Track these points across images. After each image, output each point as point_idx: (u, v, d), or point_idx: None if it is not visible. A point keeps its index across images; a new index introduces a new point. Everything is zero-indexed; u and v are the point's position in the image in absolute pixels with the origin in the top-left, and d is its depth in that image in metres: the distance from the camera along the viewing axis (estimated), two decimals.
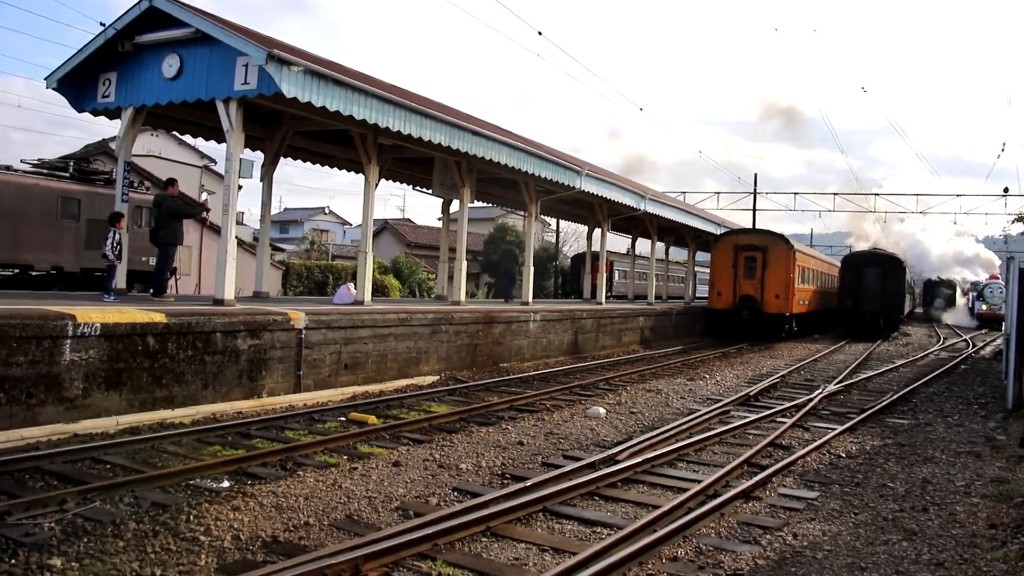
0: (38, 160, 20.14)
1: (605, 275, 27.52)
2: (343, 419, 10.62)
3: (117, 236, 12.77)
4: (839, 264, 38.12)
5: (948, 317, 54.43)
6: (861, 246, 52.39)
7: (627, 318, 24.68)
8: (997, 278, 47.28)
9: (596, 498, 7.45)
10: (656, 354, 22.65)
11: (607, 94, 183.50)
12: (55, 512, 6.08)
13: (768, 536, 6.48)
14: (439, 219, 25.11)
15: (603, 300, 26.59)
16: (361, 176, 16.25)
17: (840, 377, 17.69)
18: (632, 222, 29.72)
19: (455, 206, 20.78)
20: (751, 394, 14.30)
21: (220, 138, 15.56)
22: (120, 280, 13.62)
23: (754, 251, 29.27)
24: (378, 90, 13.70)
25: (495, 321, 17.47)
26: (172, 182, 14.07)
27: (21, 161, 19.96)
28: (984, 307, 48.95)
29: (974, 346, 30.78)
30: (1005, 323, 16.54)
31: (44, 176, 19.29)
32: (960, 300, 57.29)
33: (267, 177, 16.52)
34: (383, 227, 49.61)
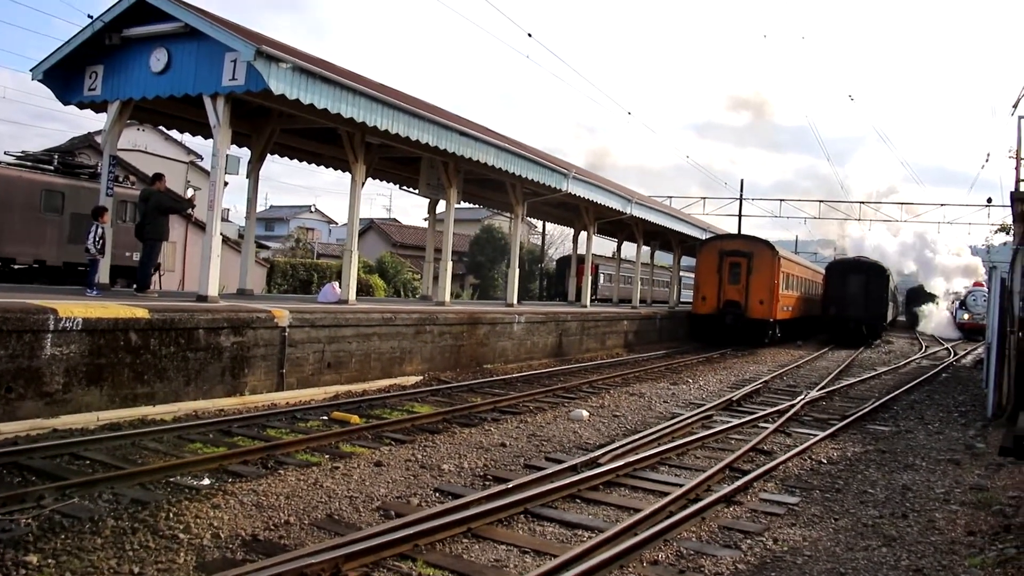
0: (22, 152, 19.96)
1: (590, 278, 27.58)
2: (325, 418, 10.57)
3: (100, 230, 12.66)
4: (823, 271, 38.34)
5: (927, 326, 52.24)
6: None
7: (611, 321, 24.73)
8: (982, 285, 44.79)
9: (578, 501, 7.45)
10: (640, 358, 22.70)
11: (595, 97, 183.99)
12: (32, 508, 6.02)
13: (749, 541, 6.50)
14: (425, 219, 25.07)
15: (588, 303, 26.63)
16: (347, 175, 16.20)
17: (823, 383, 17.80)
18: (618, 226, 29.79)
19: (441, 206, 20.75)
20: (734, 399, 14.35)
21: (207, 134, 15.48)
22: (103, 275, 13.50)
23: (739, 257, 29.41)
24: (366, 88, 13.67)
25: (479, 322, 17.46)
26: (159, 177, 13.95)
27: (4, 153, 19.80)
28: (966, 316, 46.30)
29: (955, 355, 31.03)
30: (986, 332, 16.68)
31: (28, 168, 19.12)
32: (942, 309, 55.71)
33: (253, 174, 16.44)
34: (369, 226, 49.49)
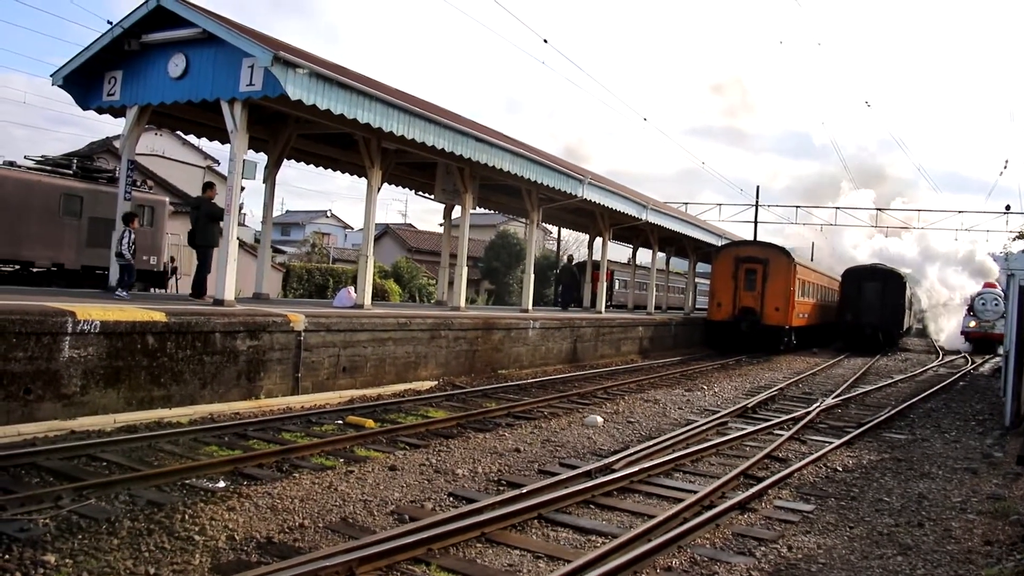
0: (41, 156, 20.16)
1: (605, 284, 27.54)
2: (340, 422, 10.61)
3: (132, 235, 12.89)
4: (839, 278, 38.11)
5: (933, 333, 49.41)
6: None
7: (626, 328, 24.68)
8: (994, 286, 39.73)
9: (592, 506, 7.44)
10: (655, 364, 22.65)
11: (610, 102, 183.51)
12: (50, 508, 6.07)
13: (763, 548, 6.47)
14: (441, 224, 25.14)
15: (603, 309, 26.59)
16: (363, 180, 16.27)
17: (838, 391, 17.68)
18: (633, 232, 29.76)
19: (457, 212, 20.80)
20: (749, 406, 14.29)
21: (224, 139, 15.57)
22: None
23: (755, 263, 29.31)
24: (383, 94, 13.73)
25: (494, 328, 17.47)
26: (210, 186, 14.41)
27: (24, 157, 19.99)
28: (972, 324, 39.38)
29: (973, 363, 30.76)
30: (1004, 341, 16.51)
31: (47, 173, 19.31)
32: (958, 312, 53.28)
33: (270, 179, 16.56)
34: (384, 231, 49.63)
